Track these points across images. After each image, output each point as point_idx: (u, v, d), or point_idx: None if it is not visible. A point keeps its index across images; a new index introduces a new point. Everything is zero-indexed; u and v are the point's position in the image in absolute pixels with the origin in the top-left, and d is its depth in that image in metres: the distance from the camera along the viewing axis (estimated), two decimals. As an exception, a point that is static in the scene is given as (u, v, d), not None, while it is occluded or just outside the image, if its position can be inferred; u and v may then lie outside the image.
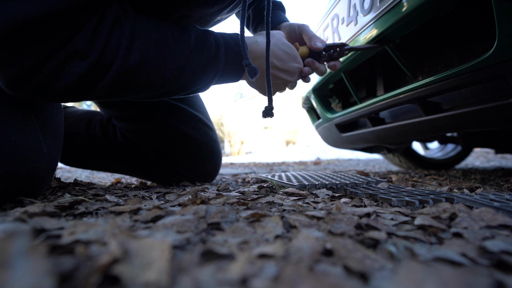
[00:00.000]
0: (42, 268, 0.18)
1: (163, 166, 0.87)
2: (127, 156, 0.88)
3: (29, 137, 0.49)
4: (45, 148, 0.51)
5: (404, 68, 0.82)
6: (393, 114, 1.05)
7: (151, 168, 0.89)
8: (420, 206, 0.49)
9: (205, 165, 0.91)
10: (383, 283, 0.20)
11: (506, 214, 0.38)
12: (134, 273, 0.19)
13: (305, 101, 1.43)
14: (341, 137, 1.24)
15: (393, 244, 0.29)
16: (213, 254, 0.26)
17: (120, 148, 0.87)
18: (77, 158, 0.93)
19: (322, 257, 0.25)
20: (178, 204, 0.49)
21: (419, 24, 0.71)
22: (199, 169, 0.91)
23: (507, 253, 0.26)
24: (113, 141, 0.87)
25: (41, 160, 0.51)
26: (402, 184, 0.83)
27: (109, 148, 0.88)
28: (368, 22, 0.82)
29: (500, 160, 3.02)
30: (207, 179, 0.95)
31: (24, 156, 0.48)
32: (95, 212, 0.43)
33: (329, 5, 1.06)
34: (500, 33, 0.53)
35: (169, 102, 0.85)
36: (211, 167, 0.93)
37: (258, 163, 4.18)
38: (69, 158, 0.94)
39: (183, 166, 0.88)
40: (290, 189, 0.66)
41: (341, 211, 0.41)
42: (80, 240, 0.27)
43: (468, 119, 0.70)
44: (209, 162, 0.91)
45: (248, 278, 0.20)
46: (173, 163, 0.87)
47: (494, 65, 0.56)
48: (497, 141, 1.55)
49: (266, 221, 0.36)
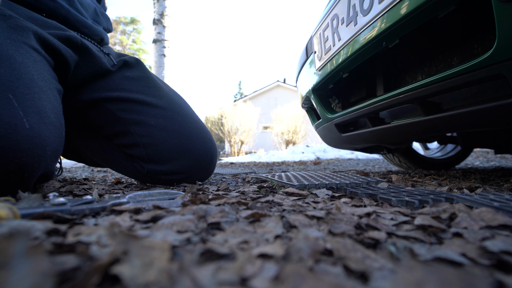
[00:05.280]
0: (42, 268, 0.18)
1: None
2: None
3: (6, 111, 0.50)
4: (27, 124, 0.52)
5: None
6: (392, 114, 1.05)
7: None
8: (420, 206, 0.49)
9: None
10: (383, 283, 0.20)
11: (506, 214, 0.38)
12: (134, 273, 0.19)
13: (305, 101, 1.43)
14: (341, 137, 1.24)
15: (393, 244, 0.29)
16: (213, 254, 0.26)
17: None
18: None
19: (322, 257, 0.25)
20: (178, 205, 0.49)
21: (419, 24, 0.71)
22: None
23: (507, 253, 0.26)
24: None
25: (23, 133, 0.51)
26: (402, 184, 0.83)
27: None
28: (368, 22, 0.82)
29: (500, 160, 3.02)
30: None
31: (2, 126, 0.48)
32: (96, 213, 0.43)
33: (328, 5, 1.06)
34: (500, 33, 0.53)
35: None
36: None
37: (258, 163, 4.18)
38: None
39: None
40: (290, 189, 0.66)
41: (341, 211, 0.41)
42: (82, 241, 0.27)
43: (468, 119, 0.70)
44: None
45: (248, 278, 0.20)
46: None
47: (494, 65, 0.56)
48: (497, 141, 1.55)
49: (266, 221, 0.36)
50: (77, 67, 0.79)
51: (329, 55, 1.05)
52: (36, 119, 0.54)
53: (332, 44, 1.02)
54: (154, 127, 0.84)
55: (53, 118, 0.59)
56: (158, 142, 0.84)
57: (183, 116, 0.90)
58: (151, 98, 0.87)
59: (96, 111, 0.85)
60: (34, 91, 0.56)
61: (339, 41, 0.98)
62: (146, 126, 0.84)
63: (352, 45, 0.90)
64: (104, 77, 0.86)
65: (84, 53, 0.79)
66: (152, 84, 0.91)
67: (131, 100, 0.85)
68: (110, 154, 0.93)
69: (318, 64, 1.16)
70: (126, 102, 0.85)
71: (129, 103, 0.85)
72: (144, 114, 0.85)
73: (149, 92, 0.89)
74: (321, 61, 1.13)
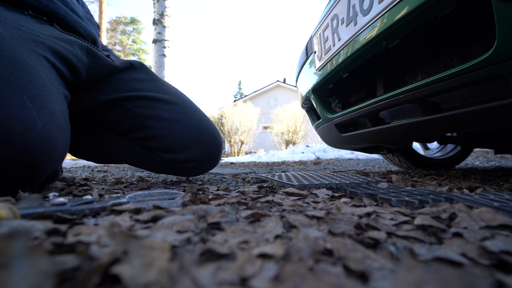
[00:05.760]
0: (42, 268, 0.18)
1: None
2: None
3: (21, 111, 0.52)
4: (40, 124, 0.54)
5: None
6: (393, 114, 1.05)
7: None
8: (420, 206, 0.49)
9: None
10: (383, 283, 0.20)
11: (506, 214, 0.38)
12: (134, 273, 0.19)
13: (304, 101, 1.43)
14: (340, 137, 1.24)
15: (393, 244, 0.29)
16: (213, 254, 0.26)
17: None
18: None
19: (322, 257, 0.25)
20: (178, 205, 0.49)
21: (419, 24, 0.71)
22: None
23: (507, 253, 0.26)
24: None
25: (36, 132, 0.53)
26: (402, 184, 0.83)
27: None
28: (368, 23, 0.82)
29: (500, 160, 3.02)
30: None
31: (17, 124, 0.51)
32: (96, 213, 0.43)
33: (328, 5, 1.06)
34: (500, 33, 0.53)
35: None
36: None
37: (258, 163, 4.18)
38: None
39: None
40: (290, 189, 0.66)
41: (341, 211, 0.41)
42: (82, 241, 0.27)
43: (468, 119, 0.70)
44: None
45: (248, 278, 0.20)
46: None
47: (494, 65, 0.56)
48: (497, 141, 1.55)
49: (266, 221, 0.36)
50: (89, 69, 0.84)
51: (329, 55, 1.05)
52: (47, 120, 0.57)
53: (332, 44, 1.02)
54: (169, 120, 0.93)
55: (61, 120, 0.63)
56: (174, 134, 0.93)
57: (191, 110, 0.99)
58: (162, 95, 0.96)
59: (114, 110, 0.93)
60: (45, 94, 0.60)
61: (339, 41, 0.98)
62: (162, 120, 0.93)
63: (352, 45, 0.90)
64: (115, 78, 0.94)
65: (92, 55, 0.84)
66: (159, 84, 1.00)
67: (145, 98, 0.94)
68: (126, 148, 1.00)
69: (318, 64, 1.16)
70: (142, 99, 0.94)
71: (144, 100, 0.94)
72: (159, 109, 0.94)
73: (159, 90, 0.97)
74: (321, 61, 1.13)
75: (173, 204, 0.47)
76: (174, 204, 0.47)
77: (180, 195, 0.56)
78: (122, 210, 0.43)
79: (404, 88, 0.78)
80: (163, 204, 0.46)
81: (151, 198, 0.53)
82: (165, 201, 0.49)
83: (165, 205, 0.46)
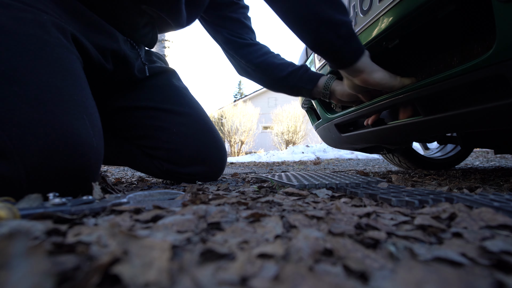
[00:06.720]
0: (42, 268, 0.18)
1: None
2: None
3: (84, 130, 0.57)
4: (95, 143, 0.60)
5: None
6: (393, 114, 1.05)
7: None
8: (420, 206, 0.49)
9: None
10: (383, 283, 0.20)
11: (506, 214, 0.38)
12: (134, 273, 0.19)
13: (304, 101, 1.43)
14: (340, 137, 1.24)
15: (393, 244, 0.29)
16: (213, 254, 0.26)
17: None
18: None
19: (322, 257, 0.25)
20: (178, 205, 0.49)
21: (419, 24, 0.71)
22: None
23: (507, 253, 0.26)
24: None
25: (92, 151, 0.58)
26: (402, 184, 0.83)
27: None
28: (368, 23, 0.82)
29: (500, 160, 3.02)
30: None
31: (81, 144, 0.56)
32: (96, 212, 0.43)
33: (329, 5, 1.06)
34: (500, 34, 0.53)
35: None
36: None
37: (258, 163, 4.18)
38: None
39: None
40: (290, 189, 0.66)
41: (341, 211, 0.41)
42: (82, 241, 0.27)
43: (468, 119, 0.70)
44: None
45: (248, 278, 0.20)
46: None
47: (494, 65, 0.56)
48: (497, 141, 1.55)
49: (266, 220, 0.36)
50: (111, 75, 0.84)
51: (329, 55, 1.05)
52: (98, 138, 0.62)
53: (332, 44, 1.02)
54: (176, 134, 0.93)
55: (102, 134, 0.67)
56: (180, 148, 0.93)
57: (202, 124, 0.98)
58: (174, 107, 0.96)
59: (123, 116, 0.93)
60: (95, 111, 0.64)
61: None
62: (169, 133, 0.93)
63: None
64: (133, 86, 0.94)
65: (122, 63, 0.84)
66: (175, 93, 0.99)
67: (157, 109, 0.94)
68: (128, 152, 0.99)
69: (318, 64, 1.16)
70: (153, 110, 0.94)
71: (155, 111, 0.94)
72: (168, 121, 0.94)
73: (173, 101, 0.97)
74: (321, 61, 1.13)
75: (173, 204, 0.47)
76: (174, 204, 0.47)
77: (180, 195, 0.56)
78: (122, 210, 0.43)
79: (404, 88, 0.78)
80: (163, 204, 0.46)
81: (151, 198, 0.53)
82: (165, 201, 0.49)
83: (165, 205, 0.46)
